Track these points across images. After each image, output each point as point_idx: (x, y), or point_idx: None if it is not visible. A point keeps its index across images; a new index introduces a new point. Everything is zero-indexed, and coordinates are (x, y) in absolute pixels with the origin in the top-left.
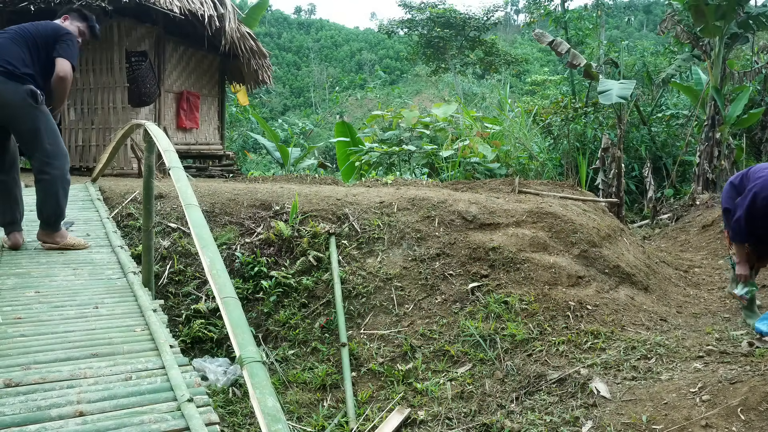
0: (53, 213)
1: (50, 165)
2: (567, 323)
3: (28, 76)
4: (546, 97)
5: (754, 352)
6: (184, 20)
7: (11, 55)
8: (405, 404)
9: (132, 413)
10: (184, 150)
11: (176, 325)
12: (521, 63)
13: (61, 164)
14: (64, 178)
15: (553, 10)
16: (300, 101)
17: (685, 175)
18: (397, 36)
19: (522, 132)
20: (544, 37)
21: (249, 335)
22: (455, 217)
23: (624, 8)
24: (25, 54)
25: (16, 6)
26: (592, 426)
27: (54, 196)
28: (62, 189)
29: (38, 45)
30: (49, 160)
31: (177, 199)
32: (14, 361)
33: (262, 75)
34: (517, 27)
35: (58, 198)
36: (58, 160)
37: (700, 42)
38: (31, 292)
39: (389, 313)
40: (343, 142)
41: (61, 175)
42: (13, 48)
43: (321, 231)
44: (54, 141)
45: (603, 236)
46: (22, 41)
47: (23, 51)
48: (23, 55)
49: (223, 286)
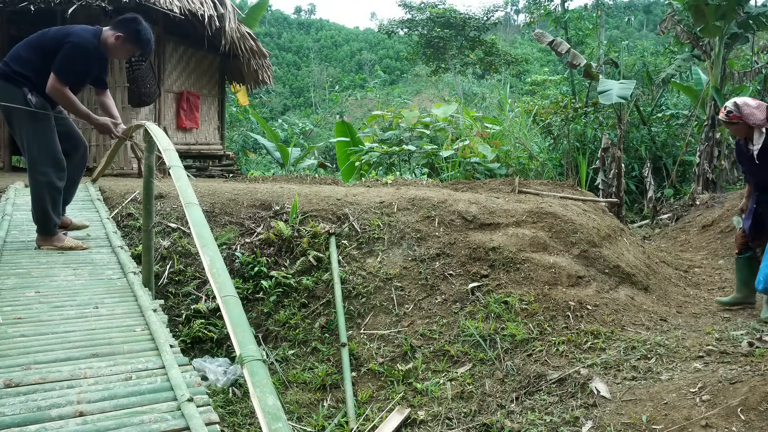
0: (40, 218)
1: (35, 171)
2: (567, 323)
3: (23, 77)
4: (546, 97)
5: (754, 352)
6: (184, 20)
7: (13, 55)
8: (405, 404)
9: (132, 413)
10: (184, 150)
11: (176, 325)
12: (521, 63)
13: (46, 171)
14: (50, 184)
15: (553, 10)
16: (300, 101)
17: (685, 175)
18: (397, 36)
19: (522, 132)
20: (544, 37)
21: (249, 334)
22: (455, 217)
23: (624, 8)
24: (31, 56)
25: (16, 6)
26: (592, 426)
27: (39, 202)
28: (48, 196)
29: (43, 50)
30: (35, 166)
31: (177, 199)
32: (14, 361)
33: (262, 75)
34: (517, 27)
35: (44, 204)
36: (43, 167)
37: (700, 42)
38: (32, 292)
39: (389, 313)
40: (343, 142)
41: (46, 182)
42: (20, 49)
43: (321, 231)
44: (40, 148)
45: (603, 236)
46: (35, 43)
47: (29, 53)
48: (29, 57)
49: (224, 284)
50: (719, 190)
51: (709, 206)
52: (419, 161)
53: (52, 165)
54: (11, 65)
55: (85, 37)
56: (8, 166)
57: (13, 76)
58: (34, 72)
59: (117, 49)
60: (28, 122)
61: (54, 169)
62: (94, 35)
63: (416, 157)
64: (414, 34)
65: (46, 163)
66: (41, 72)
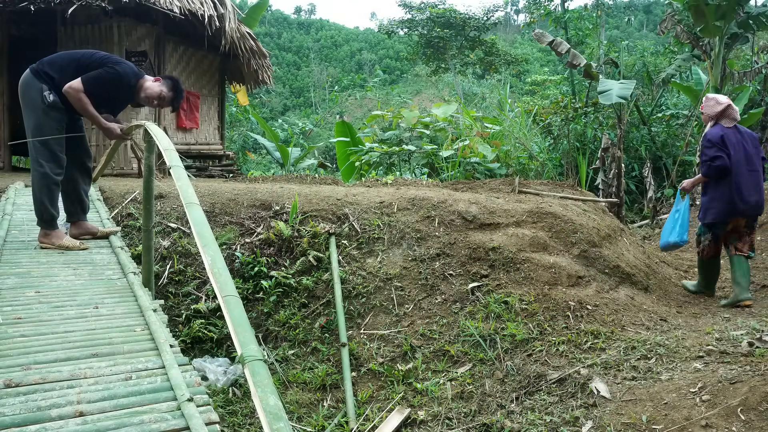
0: (38, 210)
1: (35, 161)
2: (567, 323)
3: (48, 77)
4: (546, 97)
5: (754, 352)
6: (184, 20)
7: (51, 59)
8: (405, 404)
9: (132, 413)
10: (184, 150)
11: (176, 325)
12: (521, 63)
13: (43, 163)
14: (46, 176)
15: (553, 10)
16: (300, 101)
17: (685, 175)
18: (397, 36)
19: (522, 132)
20: (544, 37)
21: (250, 333)
22: (455, 217)
23: (624, 8)
24: (66, 67)
25: (16, 6)
26: (592, 426)
27: (36, 194)
28: (46, 188)
29: (82, 67)
30: (35, 156)
31: (177, 199)
32: (14, 362)
33: (262, 75)
34: (517, 27)
35: (41, 196)
36: (42, 159)
37: (700, 42)
38: (32, 292)
39: (389, 313)
40: (343, 142)
41: (42, 173)
42: (60, 58)
43: (321, 231)
44: (42, 143)
45: (603, 236)
46: (79, 59)
47: (67, 64)
48: (64, 66)
49: (225, 284)
50: None
51: None
52: (419, 161)
53: (52, 160)
54: (45, 65)
55: (127, 71)
56: (8, 166)
57: (40, 74)
58: (61, 76)
59: (153, 97)
60: (42, 116)
61: (53, 164)
62: (136, 75)
63: (416, 157)
64: (414, 34)
65: (46, 156)
66: (67, 79)
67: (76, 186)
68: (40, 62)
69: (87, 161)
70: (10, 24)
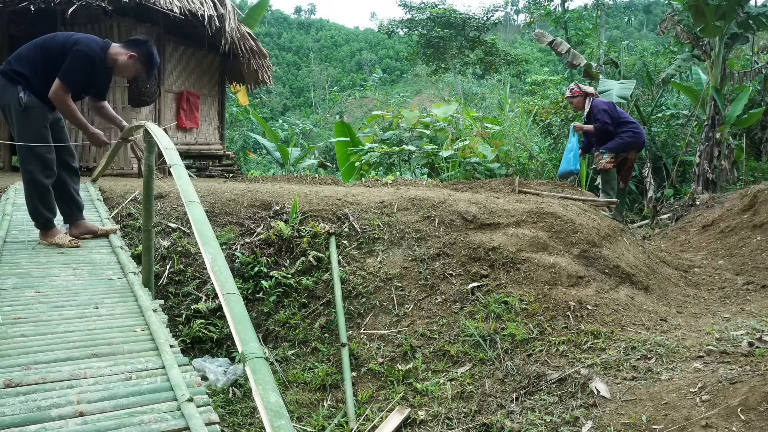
0: (32, 215)
1: (23, 167)
2: (567, 323)
3: (20, 76)
4: (546, 97)
5: (754, 352)
6: (184, 20)
7: (17, 55)
8: (405, 404)
9: (132, 413)
10: (184, 150)
11: (176, 325)
12: (521, 63)
13: (31, 169)
14: (35, 182)
15: (553, 10)
16: (300, 101)
17: (685, 175)
18: (397, 36)
19: (522, 132)
20: (544, 37)
21: (251, 332)
22: (455, 217)
23: (624, 8)
24: (32, 57)
25: (16, 6)
26: (592, 426)
27: (28, 200)
28: (37, 194)
29: (46, 53)
30: (23, 161)
31: (177, 198)
32: (14, 361)
33: (262, 75)
34: (517, 27)
35: (32, 199)
36: (29, 164)
37: (700, 42)
38: (31, 292)
39: (389, 313)
40: (342, 142)
41: (30, 179)
42: (24, 49)
43: (321, 231)
44: (28, 145)
45: (603, 236)
46: (41, 45)
47: (32, 53)
48: (30, 57)
49: (225, 282)
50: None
51: (709, 206)
52: (419, 161)
53: (39, 163)
54: (12, 64)
55: (92, 47)
56: (8, 166)
57: (11, 75)
58: (32, 71)
59: (125, 68)
60: (21, 119)
61: (39, 167)
62: (102, 47)
63: (416, 157)
64: (414, 34)
65: (32, 160)
66: (38, 73)
67: (66, 187)
68: (6, 62)
69: (70, 160)
70: (10, 24)
